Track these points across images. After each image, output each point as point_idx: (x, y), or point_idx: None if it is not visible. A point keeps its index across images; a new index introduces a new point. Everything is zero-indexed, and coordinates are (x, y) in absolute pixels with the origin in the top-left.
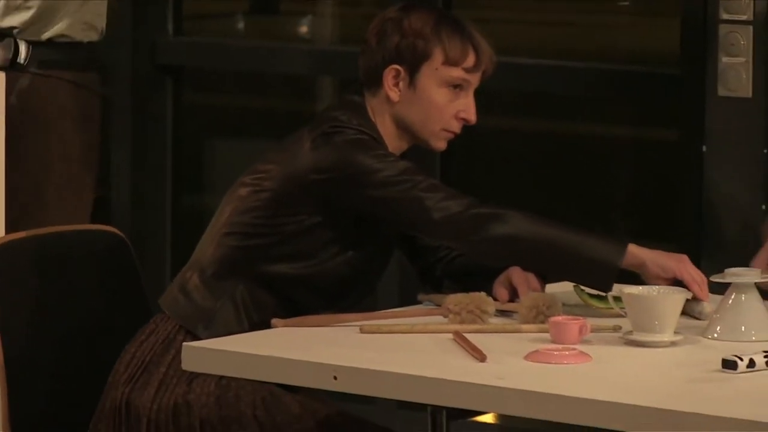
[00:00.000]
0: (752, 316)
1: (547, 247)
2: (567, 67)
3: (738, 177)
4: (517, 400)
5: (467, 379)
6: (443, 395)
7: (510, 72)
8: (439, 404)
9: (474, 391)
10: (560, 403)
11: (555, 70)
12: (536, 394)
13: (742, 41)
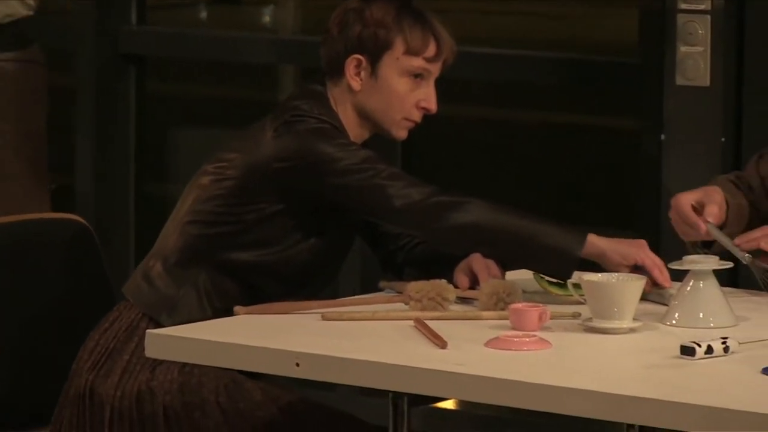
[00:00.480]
0: (710, 303)
1: (507, 235)
2: (527, 57)
3: (696, 165)
4: (477, 387)
5: (428, 366)
6: (404, 382)
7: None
8: (401, 391)
9: (435, 378)
10: (520, 389)
11: (515, 60)
12: (496, 380)
13: (700, 31)
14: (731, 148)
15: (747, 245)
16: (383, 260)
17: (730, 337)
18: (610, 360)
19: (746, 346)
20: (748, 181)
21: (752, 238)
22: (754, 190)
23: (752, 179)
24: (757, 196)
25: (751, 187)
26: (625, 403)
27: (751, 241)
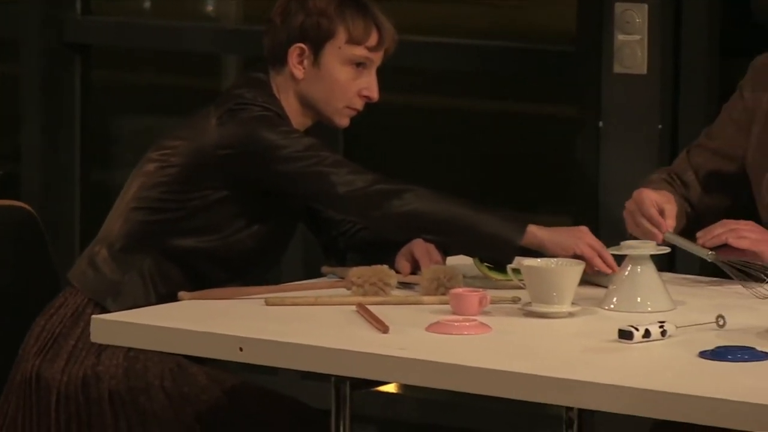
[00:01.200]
0: (648, 288)
1: (448, 223)
2: (467, 45)
3: (634, 152)
4: (418, 370)
5: (370, 350)
6: (347, 366)
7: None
8: (343, 375)
9: (377, 362)
10: (461, 372)
11: (455, 48)
12: (437, 364)
13: (638, 19)
14: (668, 135)
15: (711, 243)
16: (326, 246)
17: (668, 321)
18: (549, 344)
19: (683, 330)
20: (681, 176)
21: (715, 235)
22: (689, 186)
23: (685, 174)
24: (692, 192)
25: (685, 182)
26: (564, 386)
27: (715, 238)
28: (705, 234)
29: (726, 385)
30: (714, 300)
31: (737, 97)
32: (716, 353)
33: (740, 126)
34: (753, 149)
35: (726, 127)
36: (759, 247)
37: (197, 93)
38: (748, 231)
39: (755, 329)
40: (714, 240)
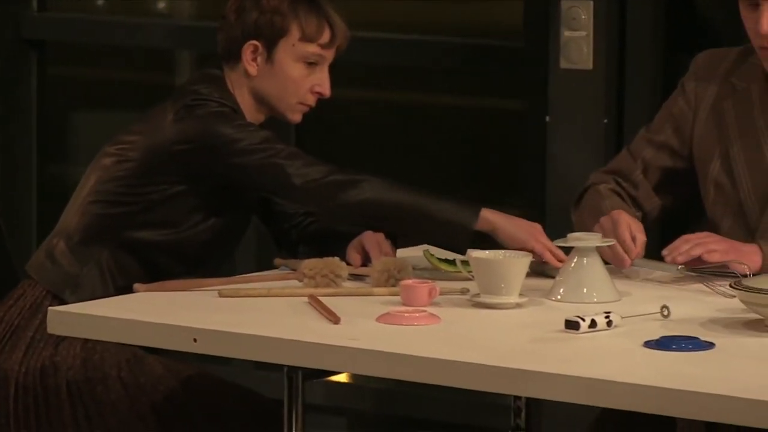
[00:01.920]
0: (594, 279)
1: (403, 210)
2: (417, 41)
3: (580, 146)
4: (369, 360)
5: (322, 341)
6: (299, 356)
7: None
8: (295, 365)
9: (328, 352)
10: (411, 362)
11: (405, 44)
12: (388, 354)
13: (584, 16)
14: (613, 129)
15: (683, 259)
16: (278, 238)
17: (613, 311)
18: (497, 334)
19: (628, 321)
20: (629, 176)
21: (683, 252)
22: (639, 185)
23: (633, 173)
24: (641, 190)
25: (634, 182)
26: (512, 376)
27: (684, 254)
28: (671, 251)
29: (670, 374)
30: (658, 291)
31: (678, 93)
32: (661, 343)
33: (681, 122)
34: (698, 145)
35: (667, 122)
36: (729, 257)
37: (152, 88)
38: (715, 243)
39: (698, 319)
40: (684, 256)
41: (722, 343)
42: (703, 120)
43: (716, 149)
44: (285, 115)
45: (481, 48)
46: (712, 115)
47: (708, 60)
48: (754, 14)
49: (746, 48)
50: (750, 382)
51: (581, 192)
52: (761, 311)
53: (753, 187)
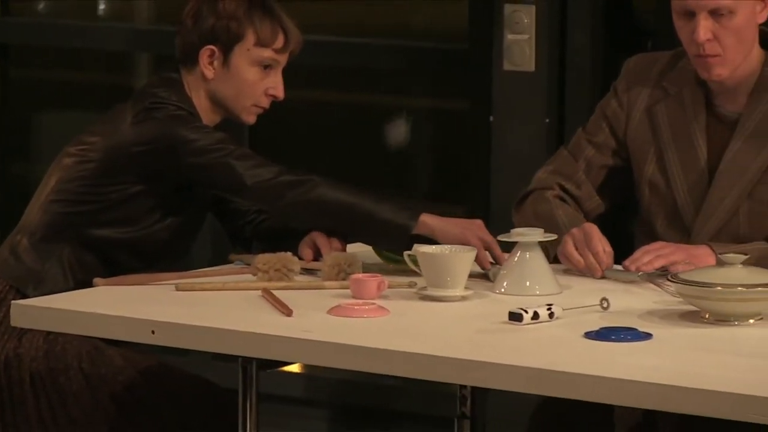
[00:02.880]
0: (536, 272)
1: (347, 211)
2: (365, 44)
3: (522, 144)
4: (321, 351)
5: (275, 333)
6: (253, 347)
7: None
8: (250, 356)
9: (282, 344)
10: (361, 353)
11: (354, 47)
12: (339, 345)
13: (526, 20)
14: (555, 129)
15: (646, 268)
16: (233, 235)
17: (555, 303)
18: (443, 326)
19: (569, 312)
20: (571, 178)
21: (645, 263)
22: (581, 185)
23: (576, 175)
24: (584, 191)
25: (577, 183)
26: (458, 366)
27: (648, 265)
28: (634, 262)
29: (610, 364)
30: (598, 284)
31: (611, 96)
32: (600, 334)
33: (615, 123)
34: (632, 146)
35: (602, 123)
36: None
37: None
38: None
39: (636, 311)
40: (648, 267)
41: (659, 334)
42: (636, 122)
43: (650, 151)
44: (240, 117)
45: (427, 50)
46: (645, 118)
47: (639, 64)
48: (690, 24)
49: (676, 52)
50: (686, 371)
51: (524, 194)
52: (696, 303)
53: (687, 188)
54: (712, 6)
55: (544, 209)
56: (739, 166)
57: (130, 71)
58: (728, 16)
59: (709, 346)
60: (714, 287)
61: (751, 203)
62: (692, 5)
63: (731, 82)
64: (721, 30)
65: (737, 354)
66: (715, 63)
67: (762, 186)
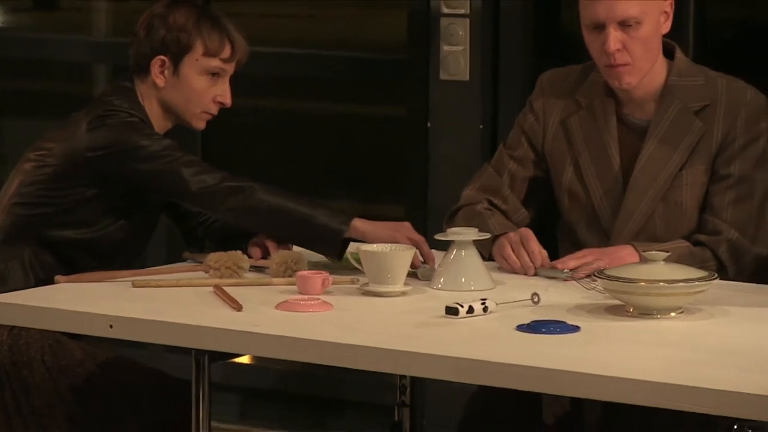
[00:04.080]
0: (471, 269)
1: (284, 216)
2: (311, 54)
3: (458, 149)
4: (269, 344)
5: (226, 326)
6: (205, 340)
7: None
8: (202, 348)
9: (232, 337)
10: (307, 345)
11: (300, 57)
12: (286, 338)
13: (461, 32)
14: (488, 134)
15: (584, 272)
16: (186, 234)
17: (489, 298)
18: (384, 319)
19: (502, 307)
20: (498, 192)
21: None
22: (507, 199)
23: (502, 189)
24: (510, 204)
25: (503, 197)
26: (398, 357)
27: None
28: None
29: (540, 355)
30: (529, 280)
31: (528, 110)
32: (531, 326)
33: (533, 136)
34: (550, 157)
35: (521, 137)
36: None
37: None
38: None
39: (565, 306)
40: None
41: (587, 327)
42: (552, 135)
43: (567, 161)
44: (190, 123)
45: (369, 61)
46: (560, 130)
47: (552, 79)
48: (600, 36)
49: (586, 66)
50: (612, 361)
51: (454, 210)
52: (621, 297)
53: (603, 193)
54: (621, 17)
55: (476, 220)
56: (652, 172)
57: (89, 81)
58: (635, 26)
59: (633, 338)
60: (638, 283)
61: (666, 206)
62: (602, 17)
63: (639, 91)
64: (630, 40)
65: (659, 345)
66: (624, 72)
67: (674, 189)
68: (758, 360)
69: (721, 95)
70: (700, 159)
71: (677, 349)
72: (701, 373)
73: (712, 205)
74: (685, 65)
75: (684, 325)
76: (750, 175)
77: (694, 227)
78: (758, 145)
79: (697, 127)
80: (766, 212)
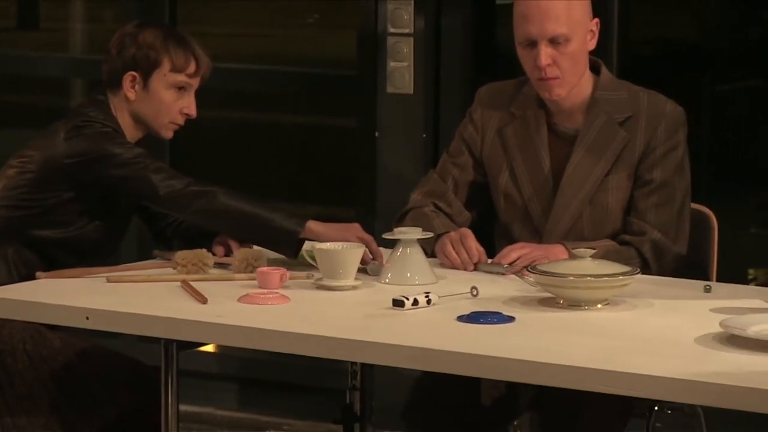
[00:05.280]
0: (415, 265)
1: (244, 218)
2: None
3: (404, 157)
4: (232, 334)
5: (192, 318)
6: (173, 331)
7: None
8: (171, 338)
9: (198, 327)
10: (266, 335)
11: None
12: (248, 328)
13: (406, 49)
14: (431, 143)
15: (517, 267)
16: (156, 234)
17: (432, 292)
18: (337, 311)
19: (444, 299)
20: (443, 197)
21: (514, 260)
22: (452, 203)
23: (447, 194)
24: (454, 208)
25: (448, 201)
26: (349, 346)
27: (517, 265)
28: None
29: (479, 343)
30: (469, 276)
31: (468, 121)
32: (471, 317)
33: (472, 145)
34: (487, 163)
35: (462, 146)
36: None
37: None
38: (532, 253)
39: (501, 298)
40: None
41: (521, 317)
42: (490, 143)
43: (503, 166)
44: (159, 133)
45: (322, 76)
46: (497, 138)
47: (489, 92)
48: (532, 52)
49: (519, 81)
50: (544, 348)
51: (403, 212)
52: (552, 291)
53: (536, 196)
54: (551, 35)
55: (423, 221)
56: (580, 177)
57: (67, 94)
58: (564, 43)
59: (563, 327)
60: (567, 277)
61: (593, 208)
62: (534, 35)
63: (568, 102)
64: (559, 56)
65: (587, 334)
66: (555, 84)
67: (601, 193)
68: (676, 347)
69: (643, 108)
70: (624, 166)
71: (603, 337)
72: (624, 359)
73: (637, 208)
74: (609, 80)
75: (609, 315)
76: (670, 181)
77: (618, 228)
78: (677, 153)
79: (621, 137)
80: (684, 215)
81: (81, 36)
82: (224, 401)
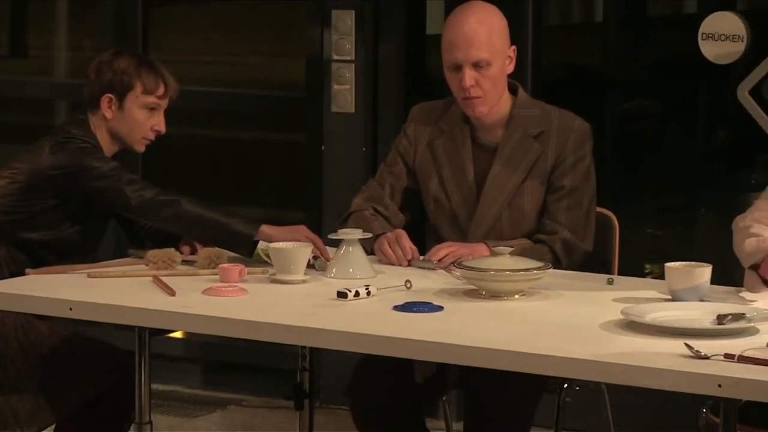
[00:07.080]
0: (357, 262)
1: (205, 223)
2: (230, 92)
3: (346, 168)
4: (198, 322)
5: (163, 308)
6: (146, 319)
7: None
8: (144, 326)
9: (168, 317)
10: (227, 323)
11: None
12: (211, 317)
13: (348, 74)
14: (370, 155)
15: (446, 262)
16: (130, 236)
17: (371, 285)
18: (288, 302)
19: (382, 291)
20: (381, 201)
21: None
22: (389, 207)
23: (384, 199)
24: (390, 211)
25: (385, 205)
26: (299, 332)
27: (446, 261)
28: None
29: (412, 329)
30: (403, 271)
31: (402, 136)
32: (405, 307)
33: (406, 156)
34: (419, 172)
35: (397, 157)
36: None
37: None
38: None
39: (432, 290)
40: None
41: (449, 307)
42: (421, 154)
43: (433, 174)
44: (133, 147)
45: (275, 97)
46: (427, 151)
47: (421, 110)
48: (458, 75)
49: (447, 101)
50: (469, 334)
51: (346, 215)
52: (476, 283)
53: (461, 200)
54: (474, 59)
55: (363, 223)
56: (500, 184)
57: (52, 114)
58: (486, 67)
59: (485, 315)
60: (489, 272)
61: (511, 211)
62: (459, 59)
63: (489, 119)
64: (481, 78)
65: (506, 321)
66: (478, 103)
67: (518, 198)
68: (583, 332)
69: (555, 123)
70: (538, 174)
71: (520, 324)
72: (538, 342)
73: (549, 210)
74: (525, 99)
75: (525, 305)
76: (579, 187)
77: (533, 228)
78: (585, 162)
79: (536, 149)
80: (591, 217)
81: (65, 63)
82: (190, 381)
